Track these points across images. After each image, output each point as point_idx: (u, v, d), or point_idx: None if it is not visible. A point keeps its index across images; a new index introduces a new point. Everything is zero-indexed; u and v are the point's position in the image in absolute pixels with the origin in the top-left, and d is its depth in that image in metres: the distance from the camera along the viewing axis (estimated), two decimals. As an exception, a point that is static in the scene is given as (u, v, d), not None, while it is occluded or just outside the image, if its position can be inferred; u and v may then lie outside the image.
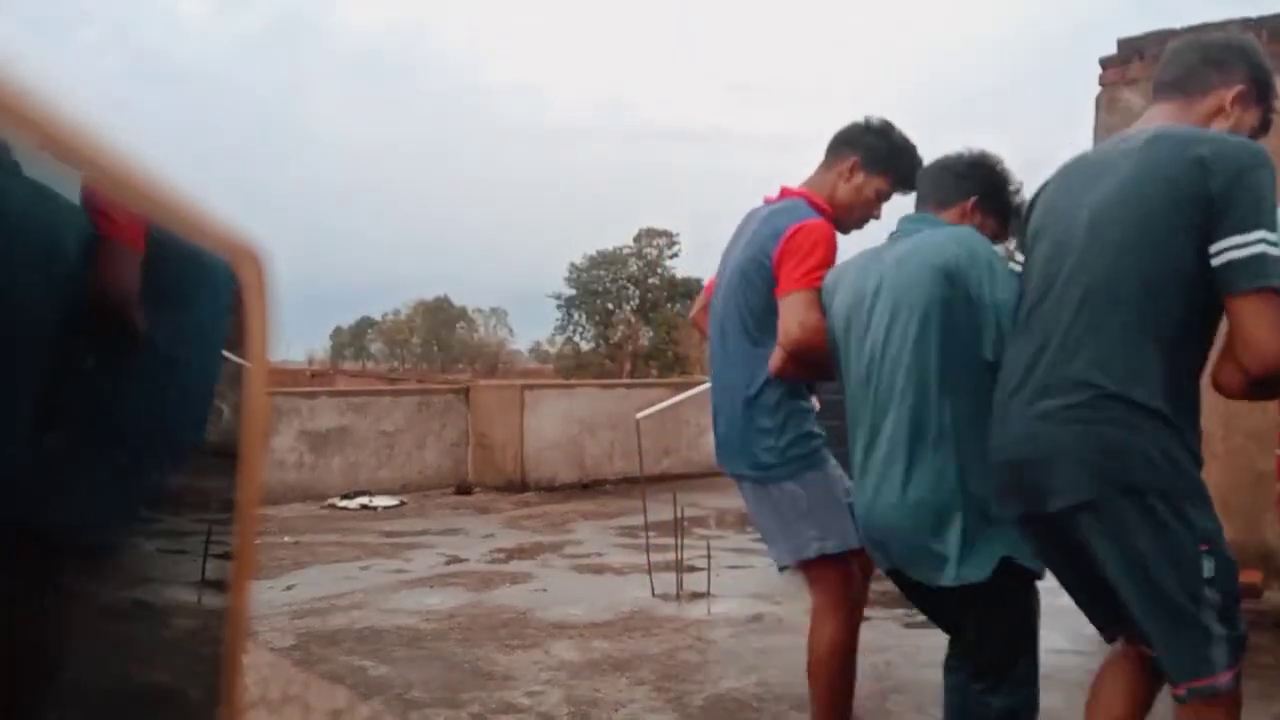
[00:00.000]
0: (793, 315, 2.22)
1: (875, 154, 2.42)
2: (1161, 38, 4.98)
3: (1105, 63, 5.12)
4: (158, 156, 0.49)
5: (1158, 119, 1.79)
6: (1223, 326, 1.62)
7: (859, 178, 2.42)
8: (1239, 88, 1.77)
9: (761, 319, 2.35)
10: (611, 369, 37.40)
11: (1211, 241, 1.55)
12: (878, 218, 2.51)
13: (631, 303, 40.82)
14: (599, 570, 5.53)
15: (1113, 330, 1.62)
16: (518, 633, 4.12)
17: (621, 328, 39.28)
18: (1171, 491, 1.59)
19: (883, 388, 2.00)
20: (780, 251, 2.29)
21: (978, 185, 2.12)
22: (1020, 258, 1.92)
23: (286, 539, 6.46)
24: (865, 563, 2.40)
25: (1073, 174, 1.82)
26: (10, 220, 0.41)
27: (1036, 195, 1.91)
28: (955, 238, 1.99)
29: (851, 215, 2.45)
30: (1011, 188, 2.17)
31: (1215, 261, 1.54)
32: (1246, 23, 4.46)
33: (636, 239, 41.96)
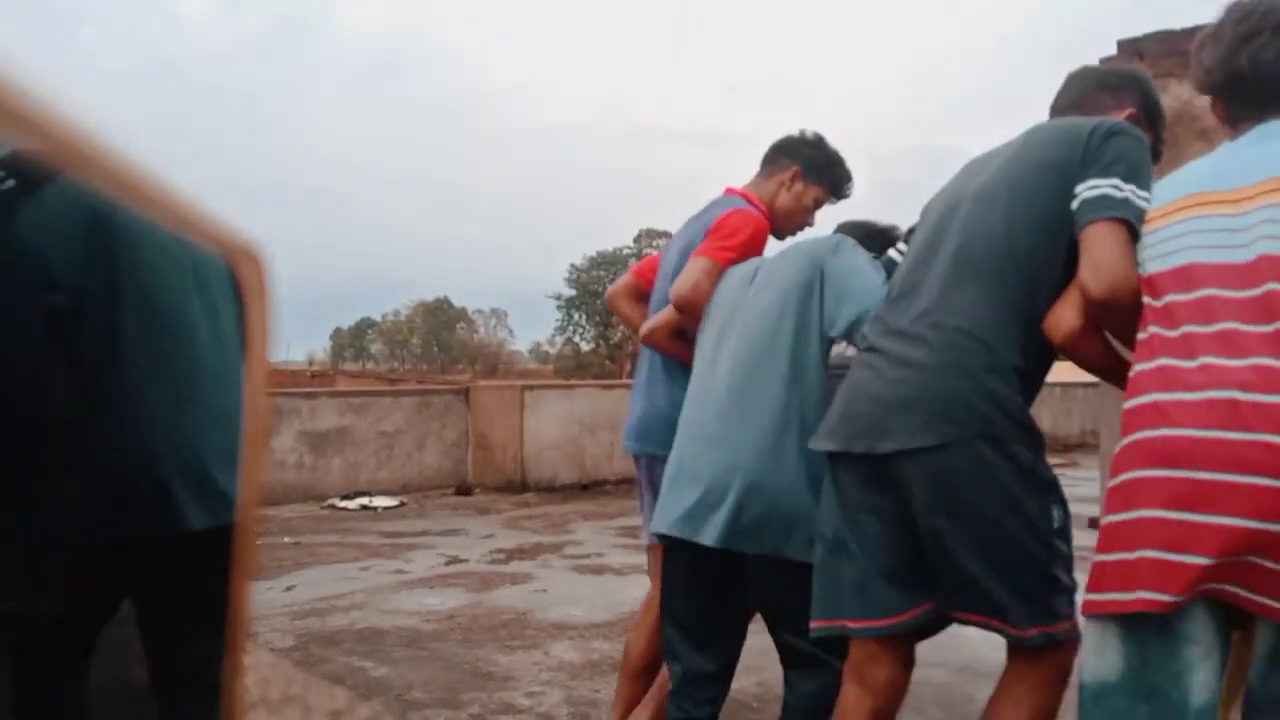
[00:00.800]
0: (690, 275, 2.29)
1: (814, 164, 2.53)
2: (1161, 38, 4.99)
3: (1105, 62, 5.12)
4: (158, 156, 0.49)
5: None
6: None
7: (799, 186, 2.53)
8: (1130, 110, 1.85)
9: None
10: (611, 369, 37.38)
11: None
12: (811, 225, 2.61)
13: (631, 303, 40.73)
14: (599, 571, 5.53)
15: (983, 287, 1.67)
16: (518, 633, 4.12)
17: (621, 328, 39.20)
18: (1026, 442, 1.62)
19: (730, 356, 2.13)
20: (710, 230, 2.38)
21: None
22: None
23: (286, 539, 6.46)
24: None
25: (964, 169, 1.91)
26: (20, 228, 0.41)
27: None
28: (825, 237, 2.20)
29: (790, 221, 2.54)
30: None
31: (1072, 205, 1.60)
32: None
33: (636, 239, 41.97)
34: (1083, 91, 1.90)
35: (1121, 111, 1.83)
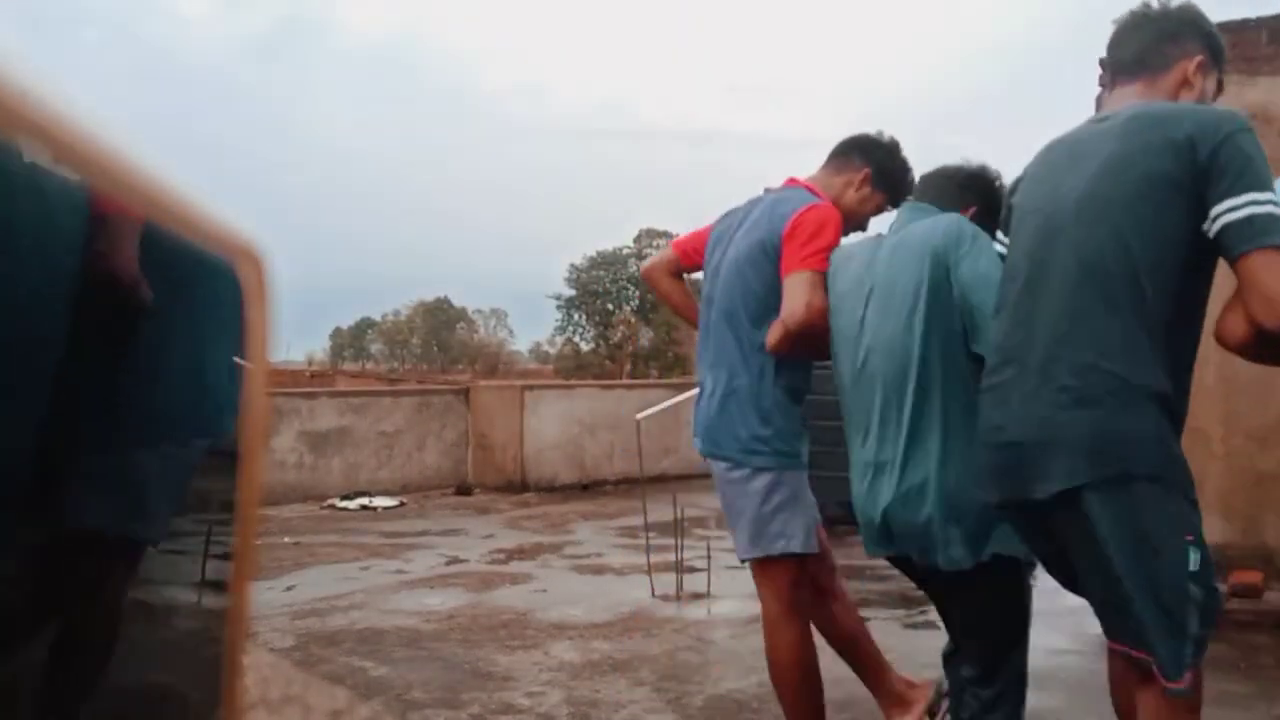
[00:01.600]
0: (800, 294, 2.24)
1: (886, 171, 2.49)
2: (1161, 38, 4.96)
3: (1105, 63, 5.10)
4: (159, 156, 0.49)
5: (1128, 99, 1.80)
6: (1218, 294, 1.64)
7: (866, 190, 2.48)
8: (1199, 58, 1.80)
9: (764, 301, 2.36)
10: (611, 369, 37.38)
11: (1206, 213, 1.56)
12: (864, 229, 2.57)
13: (631, 303, 40.79)
14: (599, 571, 5.53)
15: (1110, 313, 1.62)
16: (518, 633, 4.12)
17: (621, 328, 39.26)
18: (1166, 478, 1.59)
19: (876, 375, 2.03)
20: (788, 231, 2.31)
21: (978, 197, 2.17)
22: (1004, 238, 1.94)
23: (286, 540, 6.46)
24: (828, 568, 2.54)
25: (1054, 154, 1.83)
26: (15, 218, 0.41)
27: (1018, 179, 1.92)
28: (945, 220, 2.04)
29: (849, 223, 2.47)
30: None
31: (1213, 230, 1.55)
32: (1246, 23, 4.45)
33: (636, 239, 41.96)
34: (1144, 45, 1.82)
35: (1191, 60, 1.79)
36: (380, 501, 8.29)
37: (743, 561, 2.56)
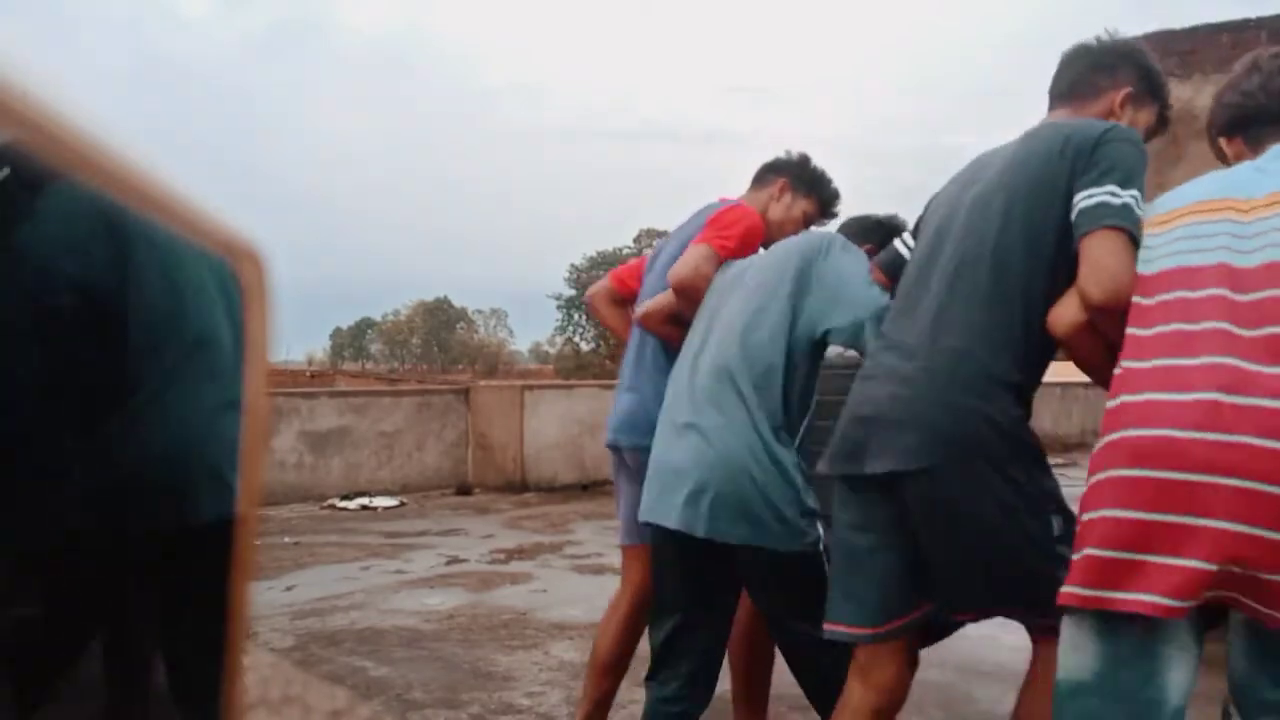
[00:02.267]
0: (690, 259, 2.34)
1: (800, 178, 2.62)
2: (1161, 38, 4.98)
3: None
4: (159, 156, 0.49)
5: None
6: None
7: (787, 197, 2.61)
8: (1127, 89, 1.85)
9: None
10: (612, 369, 37.34)
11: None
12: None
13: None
14: (599, 571, 5.53)
15: (978, 301, 1.69)
16: (518, 633, 4.12)
17: (621, 328, 39.17)
18: (1023, 458, 1.65)
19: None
20: (707, 221, 2.46)
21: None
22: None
23: (286, 540, 6.46)
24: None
25: (966, 168, 1.93)
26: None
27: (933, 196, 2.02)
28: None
29: (782, 232, 2.58)
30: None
31: (1072, 216, 1.62)
32: (1246, 23, 4.46)
33: (636, 239, 41.95)
34: (1077, 75, 1.89)
35: (1119, 91, 1.85)
36: (380, 501, 8.29)
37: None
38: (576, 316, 42.77)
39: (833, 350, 2.22)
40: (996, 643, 3.65)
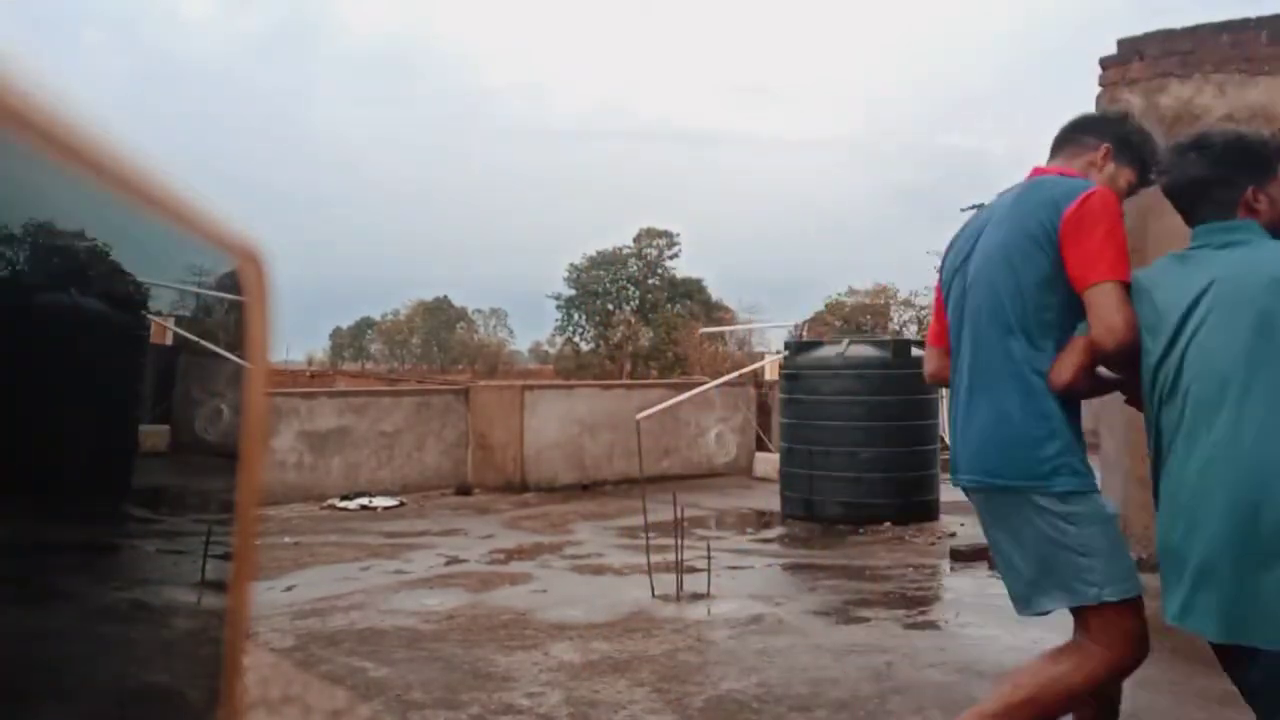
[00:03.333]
0: (1110, 309, 1.90)
1: (1127, 143, 2.20)
2: (1162, 38, 4.98)
3: (1105, 62, 5.11)
4: (161, 156, 0.49)
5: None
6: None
7: (1111, 167, 2.18)
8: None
9: (1036, 298, 2.01)
10: (611, 369, 37.36)
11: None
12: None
13: (631, 303, 40.76)
14: (599, 571, 5.53)
15: None
16: (517, 634, 4.12)
17: (621, 328, 39.20)
18: None
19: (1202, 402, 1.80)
20: (1071, 220, 1.97)
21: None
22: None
23: (286, 540, 6.46)
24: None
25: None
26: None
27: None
28: None
29: None
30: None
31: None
32: (1247, 23, 4.45)
33: (636, 239, 41.93)
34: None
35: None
36: (380, 501, 8.29)
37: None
38: (576, 316, 42.76)
39: (831, 351, 2.17)
40: (997, 643, 3.64)
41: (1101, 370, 2.04)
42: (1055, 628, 3.86)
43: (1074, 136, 2.24)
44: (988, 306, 2.08)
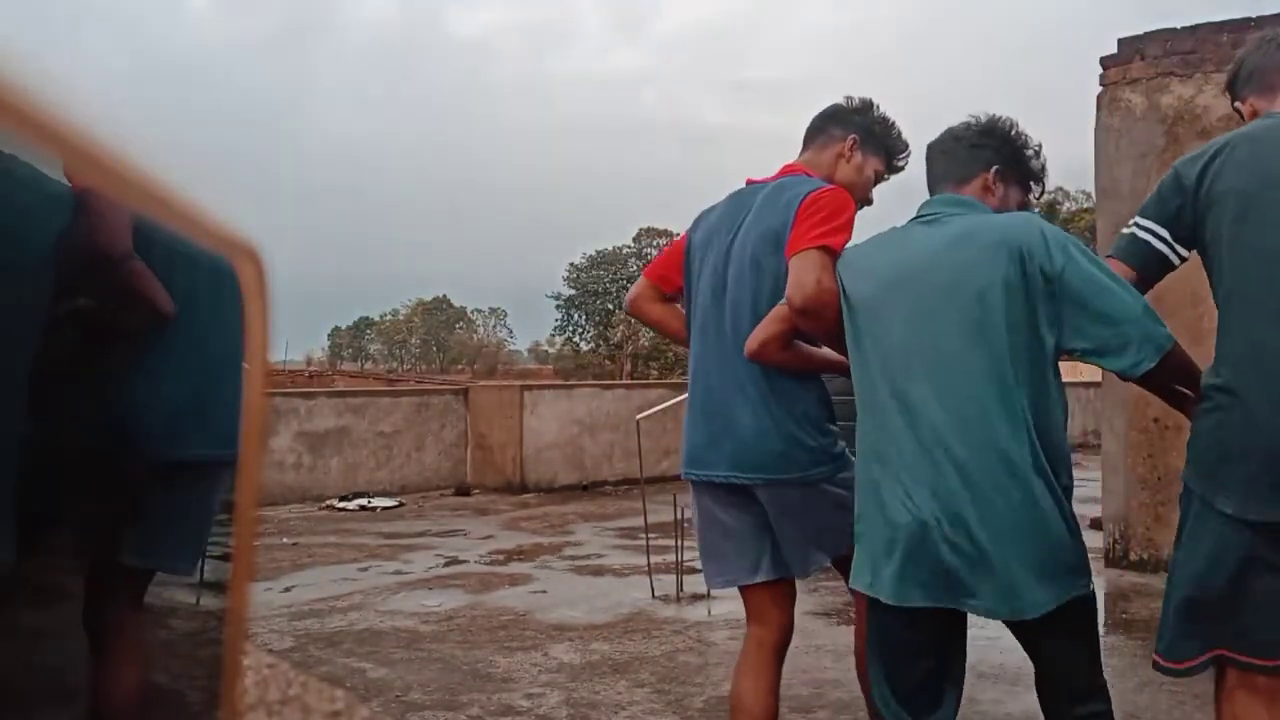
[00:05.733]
0: (809, 272, 1.93)
1: (870, 132, 2.27)
2: (1162, 38, 4.98)
3: (1106, 62, 5.11)
4: (159, 155, 0.49)
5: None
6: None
7: (858, 157, 2.26)
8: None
9: (779, 299, 2.04)
10: (611, 369, 37.39)
11: None
12: (870, 203, 2.32)
13: (631, 303, 40.76)
14: (598, 572, 5.52)
15: None
16: (517, 634, 4.12)
17: (621, 328, 39.19)
18: None
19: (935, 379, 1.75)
20: (798, 215, 2.04)
21: (995, 153, 1.94)
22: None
23: (285, 540, 6.45)
24: None
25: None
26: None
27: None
28: (1025, 219, 1.80)
29: (854, 198, 2.16)
30: (1030, 152, 1.99)
31: None
32: (1247, 22, 4.45)
33: (636, 239, 41.97)
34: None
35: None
36: (379, 502, 8.28)
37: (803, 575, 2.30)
38: (576, 316, 42.77)
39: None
40: (997, 644, 3.63)
41: (807, 348, 2.08)
42: (1055, 628, 3.86)
43: (823, 128, 2.29)
44: (747, 302, 2.12)
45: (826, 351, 2.08)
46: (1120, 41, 5.04)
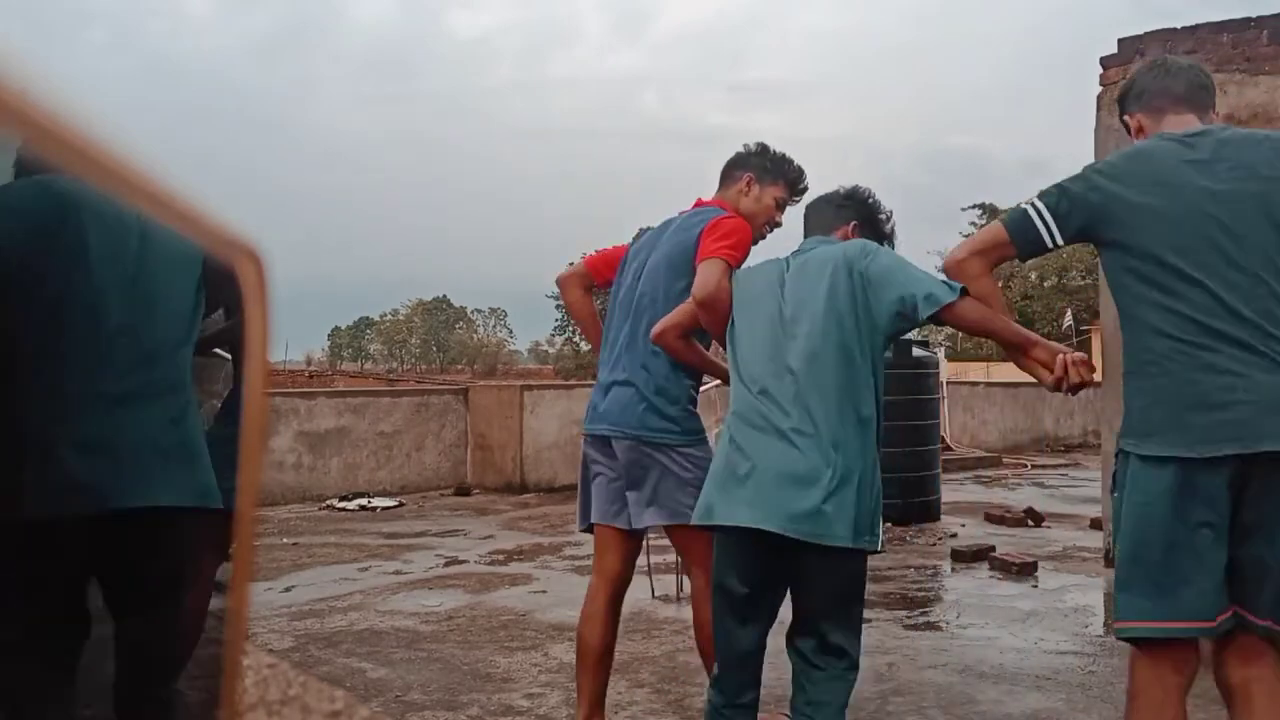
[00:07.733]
0: (711, 273, 2.42)
1: (762, 168, 2.77)
2: (1162, 37, 4.99)
3: (1106, 62, 5.12)
4: (160, 156, 0.49)
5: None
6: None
7: (755, 189, 2.76)
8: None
9: (679, 302, 2.57)
10: (610, 370, 37.27)
11: None
12: (779, 225, 2.81)
13: (630, 303, 40.72)
14: (598, 571, 5.52)
15: None
16: (517, 634, 4.12)
17: (620, 328, 39.19)
18: None
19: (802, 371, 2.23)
20: (704, 233, 2.57)
21: (855, 212, 2.50)
22: None
23: (285, 540, 6.45)
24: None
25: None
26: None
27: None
28: (860, 243, 2.33)
29: (756, 221, 2.71)
30: (882, 215, 2.54)
31: None
32: (1247, 22, 4.46)
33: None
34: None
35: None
36: (379, 502, 8.28)
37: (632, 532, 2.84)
38: (575, 317, 42.72)
39: None
40: (998, 644, 3.64)
41: (699, 347, 2.62)
42: (1055, 628, 3.87)
43: (728, 172, 2.82)
44: (659, 297, 2.66)
45: (712, 357, 2.67)
46: (1120, 41, 5.04)
